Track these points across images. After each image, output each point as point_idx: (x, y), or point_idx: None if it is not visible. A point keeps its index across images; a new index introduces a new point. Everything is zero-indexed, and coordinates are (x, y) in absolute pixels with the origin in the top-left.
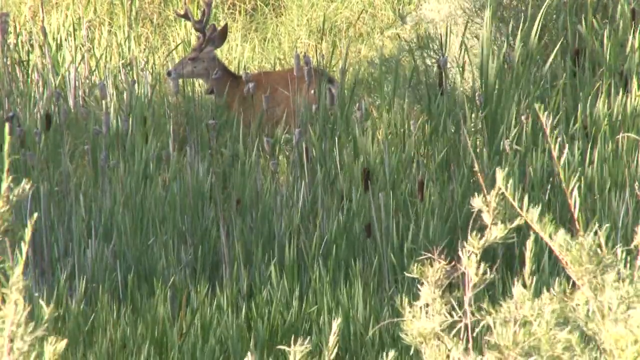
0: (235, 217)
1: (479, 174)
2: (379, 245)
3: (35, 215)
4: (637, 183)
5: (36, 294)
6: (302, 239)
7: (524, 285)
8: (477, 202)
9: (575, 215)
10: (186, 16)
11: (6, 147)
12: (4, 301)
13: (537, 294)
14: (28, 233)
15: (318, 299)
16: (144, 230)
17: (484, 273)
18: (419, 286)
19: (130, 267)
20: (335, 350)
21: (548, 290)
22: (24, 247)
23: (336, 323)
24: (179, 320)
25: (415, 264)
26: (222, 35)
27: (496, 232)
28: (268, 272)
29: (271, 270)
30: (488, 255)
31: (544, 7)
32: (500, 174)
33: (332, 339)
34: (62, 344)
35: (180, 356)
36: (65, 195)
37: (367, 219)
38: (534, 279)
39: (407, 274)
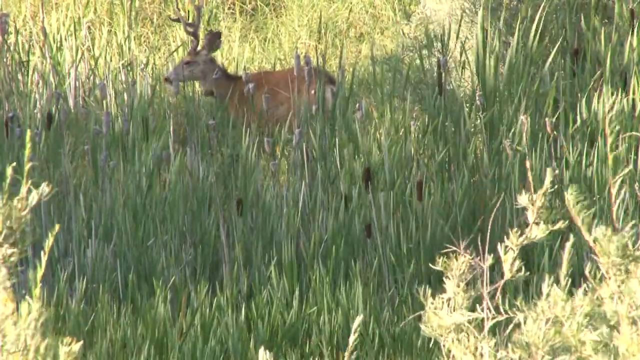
0: (236, 217)
1: (529, 174)
2: (378, 245)
3: (57, 226)
4: (637, 183)
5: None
6: (302, 239)
7: (557, 283)
8: (523, 199)
9: (614, 212)
10: (179, 20)
11: (27, 152)
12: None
13: (538, 293)
14: (49, 243)
15: (318, 299)
16: (144, 231)
17: (519, 270)
18: (417, 286)
19: (130, 267)
20: (335, 350)
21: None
22: (44, 258)
23: (357, 321)
24: (179, 320)
25: (440, 257)
26: (215, 40)
27: (537, 232)
28: (268, 272)
29: (271, 270)
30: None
31: (541, 7)
32: (550, 174)
33: (352, 338)
34: (78, 345)
35: (181, 356)
36: (66, 195)
37: (367, 219)
38: (569, 280)
39: (432, 266)
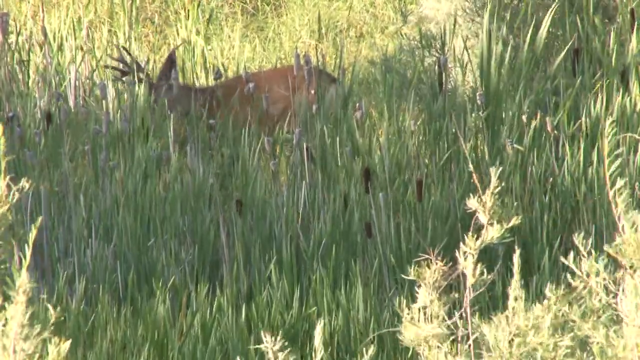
0: (236, 217)
1: (474, 174)
2: (378, 245)
3: (40, 218)
4: (637, 183)
5: (43, 296)
6: (301, 239)
7: (515, 298)
8: (472, 202)
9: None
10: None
11: (2, 147)
12: (5, 300)
13: (538, 293)
14: (32, 236)
15: (318, 300)
16: (144, 231)
17: (481, 274)
18: (416, 288)
19: (130, 267)
20: (335, 350)
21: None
22: (28, 250)
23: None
24: (179, 320)
25: (413, 266)
26: (168, 65)
27: (492, 232)
28: (268, 272)
29: (271, 270)
30: (490, 255)
31: (551, 8)
32: (495, 172)
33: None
34: (66, 345)
35: (181, 357)
36: (65, 195)
37: (367, 219)
38: (527, 287)
39: (404, 276)
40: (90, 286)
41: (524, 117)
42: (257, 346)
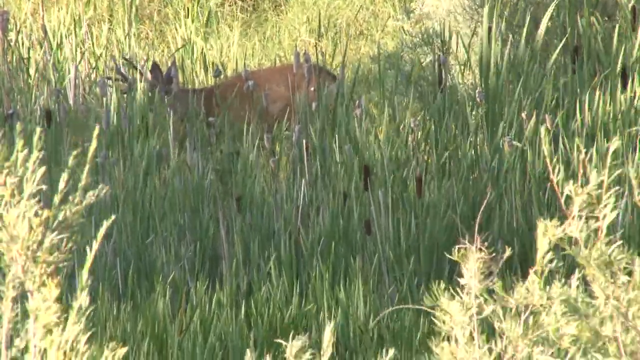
0: (235, 214)
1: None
2: (378, 242)
3: (113, 217)
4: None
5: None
6: (301, 236)
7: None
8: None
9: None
10: (123, 77)
11: (92, 149)
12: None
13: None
14: (99, 235)
15: (317, 297)
16: (144, 227)
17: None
18: (417, 283)
19: (130, 264)
20: (335, 347)
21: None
22: (95, 245)
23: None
24: (179, 316)
25: (456, 249)
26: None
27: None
28: (267, 269)
29: (270, 267)
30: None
31: (551, 6)
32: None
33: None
34: (123, 350)
35: (180, 353)
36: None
37: (366, 216)
38: (548, 267)
39: (449, 256)
40: (90, 283)
41: (523, 114)
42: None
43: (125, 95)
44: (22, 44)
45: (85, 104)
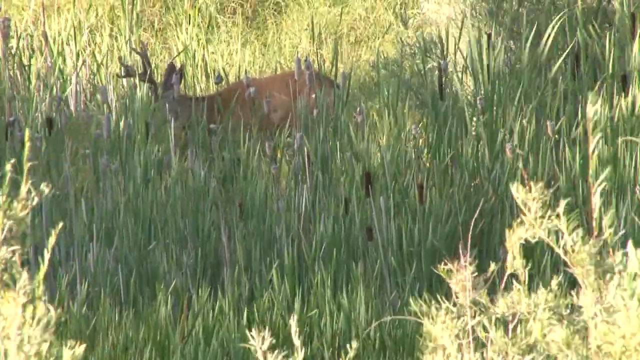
0: (237, 220)
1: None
2: (379, 248)
3: (60, 224)
4: (637, 185)
5: (44, 298)
6: (303, 242)
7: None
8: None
9: (595, 217)
10: (128, 74)
11: (26, 151)
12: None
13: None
14: (51, 241)
15: (319, 302)
16: (146, 234)
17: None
18: (419, 289)
19: (131, 270)
20: (337, 353)
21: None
22: (47, 255)
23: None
24: (181, 323)
25: (443, 263)
26: (171, 76)
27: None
28: (269, 275)
29: (272, 273)
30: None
31: (557, 18)
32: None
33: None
34: (81, 348)
35: (183, 359)
36: (67, 199)
37: (368, 222)
38: (528, 274)
39: (434, 269)
40: (92, 289)
41: (524, 121)
42: (244, 345)
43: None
44: (24, 51)
45: (86, 111)
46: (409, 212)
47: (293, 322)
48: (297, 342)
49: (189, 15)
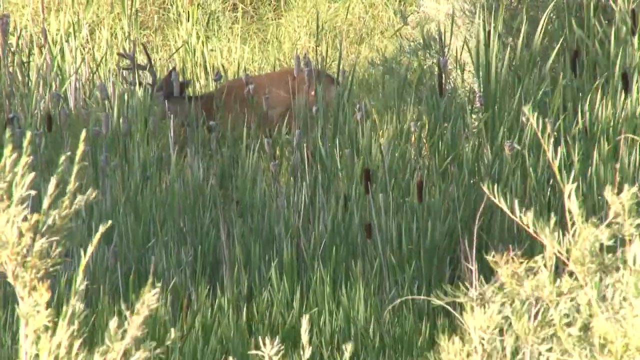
0: (236, 218)
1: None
2: (378, 246)
3: (109, 222)
4: (637, 183)
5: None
6: (302, 240)
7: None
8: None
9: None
10: (130, 60)
11: (78, 154)
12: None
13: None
14: (95, 239)
15: (319, 300)
16: (145, 232)
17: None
18: (418, 287)
19: (130, 268)
20: (336, 351)
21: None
22: (89, 250)
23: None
24: (180, 321)
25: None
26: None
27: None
28: (268, 273)
29: (271, 271)
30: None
31: (549, 8)
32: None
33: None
34: (112, 355)
35: (182, 357)
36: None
37: (367, 220)
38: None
39: (488, 258)
40: (91, 287)
41: (523, 119)
42: (254, 352)
43: (127, 84)
44: (23, 48)
45: (85, 107)
46: (409, 210)
47: (304, 321)
48: (305, 339)
49: (189, 12)
